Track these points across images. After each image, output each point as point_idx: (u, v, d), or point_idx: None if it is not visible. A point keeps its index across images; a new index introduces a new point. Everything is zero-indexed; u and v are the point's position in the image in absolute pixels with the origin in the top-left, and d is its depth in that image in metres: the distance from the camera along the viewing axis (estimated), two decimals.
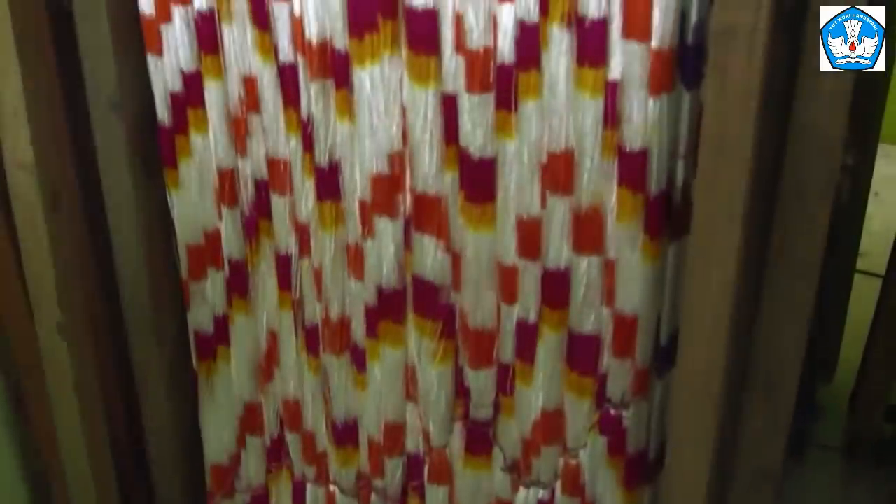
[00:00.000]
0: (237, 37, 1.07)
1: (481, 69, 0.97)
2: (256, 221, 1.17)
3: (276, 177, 1.12)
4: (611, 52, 0.93)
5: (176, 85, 1.12)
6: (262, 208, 1.15)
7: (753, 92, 0.85)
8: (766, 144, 0.89)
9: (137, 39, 1.12)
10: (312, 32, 1.02)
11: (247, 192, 1.15)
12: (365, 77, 1.01)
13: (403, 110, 1.02)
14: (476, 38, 0.96)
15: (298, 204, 1.12)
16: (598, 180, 0.98)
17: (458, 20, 0.96)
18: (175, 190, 1.19)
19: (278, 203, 1.13)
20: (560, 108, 0.96)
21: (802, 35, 0.86)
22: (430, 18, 0.97)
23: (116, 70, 1.11)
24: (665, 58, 0.91)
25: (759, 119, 0.86)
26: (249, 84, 1.09)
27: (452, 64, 0.99)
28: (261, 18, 1.04)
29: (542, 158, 1.00)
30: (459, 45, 0.97)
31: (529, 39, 0.95)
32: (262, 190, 1.14)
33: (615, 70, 0.94)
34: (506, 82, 0.98)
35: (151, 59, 1.12)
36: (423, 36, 0.98)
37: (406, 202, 1.06)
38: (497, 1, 0.95)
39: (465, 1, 0.95)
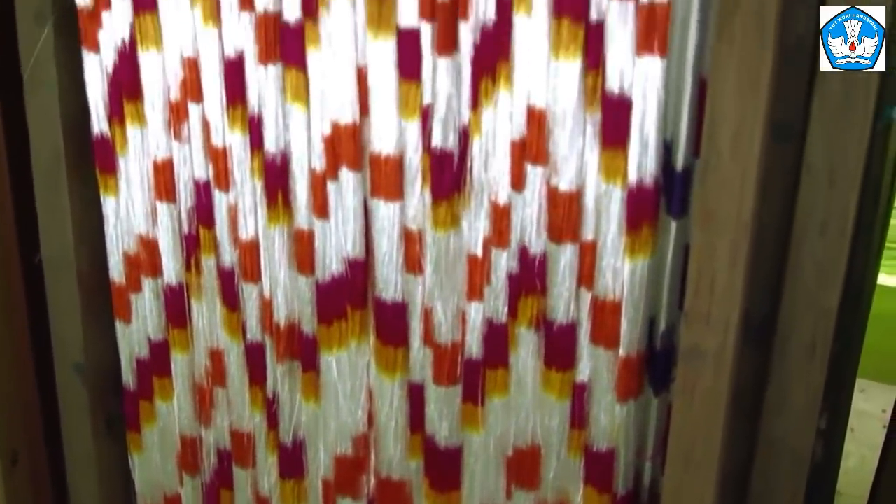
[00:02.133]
0: (206, 312, 1.07)
1: (449, 363, 0.97)
2: (218, 490, 1.14)
3: (239, 449, 1.10)
4: (578, 356, 0.93)
5: (143, 352, 1.12)
6: (224, 478, 1.13)
7: (720, 410, 0.84)
8: (734, 457, 0.88)
9: (106, 304, 1.11)
10: (281, 315, 1.01)
11: (209, 461, 1.13)
12: (332, 362, 1.00)
13: (370, 394, 1.01)
14: (444, 333, 0.96)
15: (261, 479, 1.09)
16: (564, 477, 0.96)
17: (427, 314, 0.96)
18: (137, 452, 1.17)
19: (240, 475, 1.11)
20: (527, 406, 0.95)
21: (771, 352, 0.86)
22: (399, 311, 0.97)
23: (83, 335, 1.11)
24: (632, 365, 0.90)
25: (726, 437, 0.85)
26: (216, 357, 1.08)
27: (420, 355, 0.98)
28: (230, 298, 1.04)
29: (508, 452, 0.98)
30: (427, 338, 0.97)
31: (497, 339, 0.94)
32: (225, 460, 1.12)
33: (583, 373, 0.93)
34: (473, 377, 0.97)
35: (119, 326, 1.11)
36: (392, 327, 0.98)
37: (370, 484, 1.04)
38: (466, 299, 0.95)
39: (433, 297, 0.95)
